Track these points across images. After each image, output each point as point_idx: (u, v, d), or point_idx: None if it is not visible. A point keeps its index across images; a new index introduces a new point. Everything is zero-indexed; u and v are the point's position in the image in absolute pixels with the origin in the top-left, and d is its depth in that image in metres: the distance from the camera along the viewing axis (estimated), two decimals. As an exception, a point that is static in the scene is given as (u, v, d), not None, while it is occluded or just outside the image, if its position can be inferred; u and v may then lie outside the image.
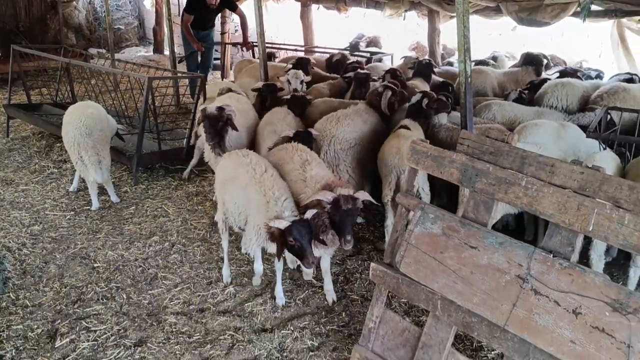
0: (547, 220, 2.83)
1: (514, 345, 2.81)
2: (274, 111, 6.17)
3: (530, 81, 7.72)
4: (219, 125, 5.19)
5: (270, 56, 10.44)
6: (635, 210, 2.54)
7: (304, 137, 5.23)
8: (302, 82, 7.36)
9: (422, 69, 8.35)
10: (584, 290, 2.60)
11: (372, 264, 3.46)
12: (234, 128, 5.29)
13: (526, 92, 7.22)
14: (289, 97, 6.46)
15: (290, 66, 8.23)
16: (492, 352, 3.90)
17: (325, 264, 4.45)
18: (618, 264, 5.10)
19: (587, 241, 4.27)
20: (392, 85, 6.32)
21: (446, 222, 3.15)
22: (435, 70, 8.87)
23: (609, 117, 5.73)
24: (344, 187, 4.04)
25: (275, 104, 6.46)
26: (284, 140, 5.21)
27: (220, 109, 5.21)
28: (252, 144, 5.99)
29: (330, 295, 4.53)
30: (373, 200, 4.18)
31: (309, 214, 3.84)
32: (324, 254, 4.28)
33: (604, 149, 5.30)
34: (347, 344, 3.96)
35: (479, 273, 2.94)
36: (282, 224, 3.74)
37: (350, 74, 7.74)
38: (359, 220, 5.17)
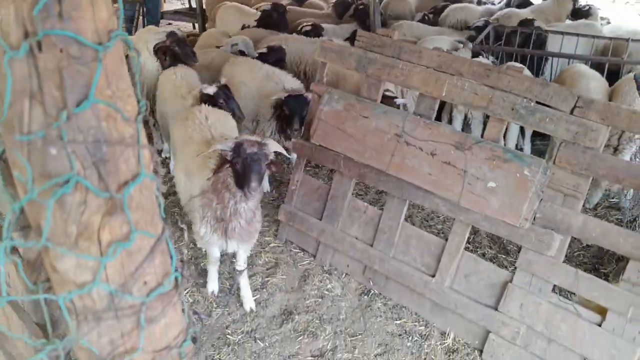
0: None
1: (394, 184, 3.86)
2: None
3: (433, 6, 8.75)
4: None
5: None
6: (472, 79, 3.58)
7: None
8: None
9: None
10: (438, 138, 3.64)
11: (292, 140, 4.40)
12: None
13: (431, 15, 8.24)
14: (265, 50, 6.01)
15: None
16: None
17: (242, 263, 3.85)
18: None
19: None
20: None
21: (347, 100, 4.10)
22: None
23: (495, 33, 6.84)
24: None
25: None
26: None
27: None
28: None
29: (248, 302, 3.89)
30: (284, 152, 3.52)
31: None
32: (241, 247, 3.64)
33: (488, 57, 6.40)
34: (276, 212, 4.93)
35: (369, 135, 3.93)
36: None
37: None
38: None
